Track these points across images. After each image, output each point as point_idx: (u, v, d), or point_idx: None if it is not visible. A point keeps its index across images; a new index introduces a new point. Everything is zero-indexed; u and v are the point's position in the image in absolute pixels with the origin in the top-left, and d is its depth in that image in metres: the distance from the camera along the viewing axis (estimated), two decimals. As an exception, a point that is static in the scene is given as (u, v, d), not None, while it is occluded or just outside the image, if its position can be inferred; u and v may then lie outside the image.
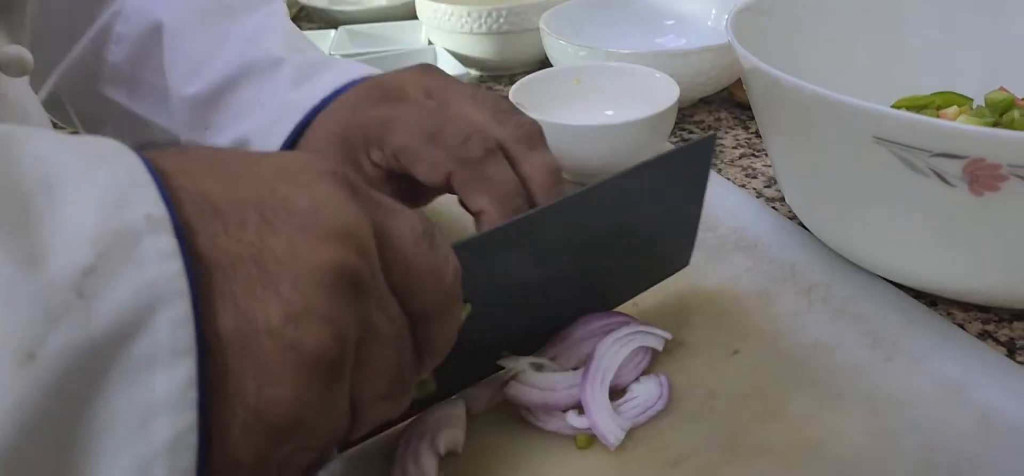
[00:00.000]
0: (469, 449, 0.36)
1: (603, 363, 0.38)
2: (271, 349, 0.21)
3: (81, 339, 0.18)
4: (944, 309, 0.45)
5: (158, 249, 0.19)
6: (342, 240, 0.23)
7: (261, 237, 0.21)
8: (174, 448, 0.19)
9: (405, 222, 0.26)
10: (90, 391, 0.18)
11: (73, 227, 0.19)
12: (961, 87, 0.54)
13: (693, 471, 0.35)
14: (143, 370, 0.19)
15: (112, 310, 0.18)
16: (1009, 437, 0.36)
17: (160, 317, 0.19)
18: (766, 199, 0.57)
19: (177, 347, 0.19)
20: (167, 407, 0.19)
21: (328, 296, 0.22)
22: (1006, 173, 0.35)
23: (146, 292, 0.19)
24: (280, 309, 0.21)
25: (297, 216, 0.22)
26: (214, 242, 0.21)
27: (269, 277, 0.21)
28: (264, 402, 0.21)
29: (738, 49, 0.46)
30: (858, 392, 0.39)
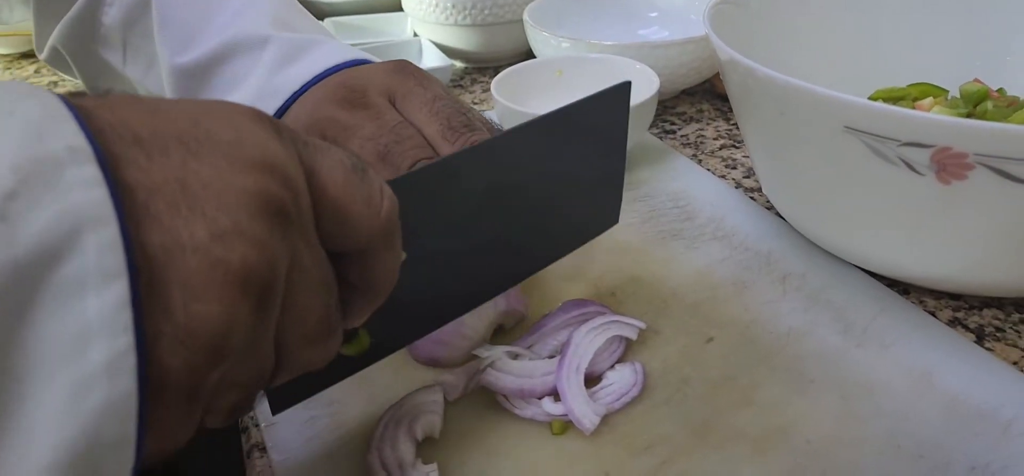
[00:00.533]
0: (446, 435, 0.37)
1: (579, 351, 0.39)
2: (198, 265, 0.21)
3: (4, 259, 0.18)
4: (916, 297, 0.46)
5: (82, 177, 0.19)
6: (267, 170, 0.23)
7: (185, 163, 0.21)
8: (111, 370, 0.19)
9: (333, 156, 0.26)
10: (18, 313, 0.18)
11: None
12: (937, 79, 0.55)
13: (664, 455, 0.35)
14: (73, 293, 0.19)
15: (36, 233, 0.18)
16: (975, 421, 0.37)
17: (87, 241, 0.19)
18: (745, 190, 0.58)
19: (107, 270, 0.19)
20: (101, 329, 0.19)
21: (254, 219, 0.22)
22: (972, 162, 0.36)
23: (70, 217, 0.19)
24: (206, 227, 0.21)
25: (221, 146, 0.22)
26: (137, 168, 0.21)
27: (194, 198, 0.21)
28: (192, 317, 0.21)
29: (714, 40, 0.47)
30: (829, 378, 0.39)
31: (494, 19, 0.83)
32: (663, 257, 0.49)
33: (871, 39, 0.60)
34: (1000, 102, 0.50)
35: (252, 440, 0.39)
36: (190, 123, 0.23)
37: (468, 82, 0.85)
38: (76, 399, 0.19)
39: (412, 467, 0.35)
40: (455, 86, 0.84)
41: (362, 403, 0.39)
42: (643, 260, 0.49)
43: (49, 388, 0.18)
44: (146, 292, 0.20)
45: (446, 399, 0.38)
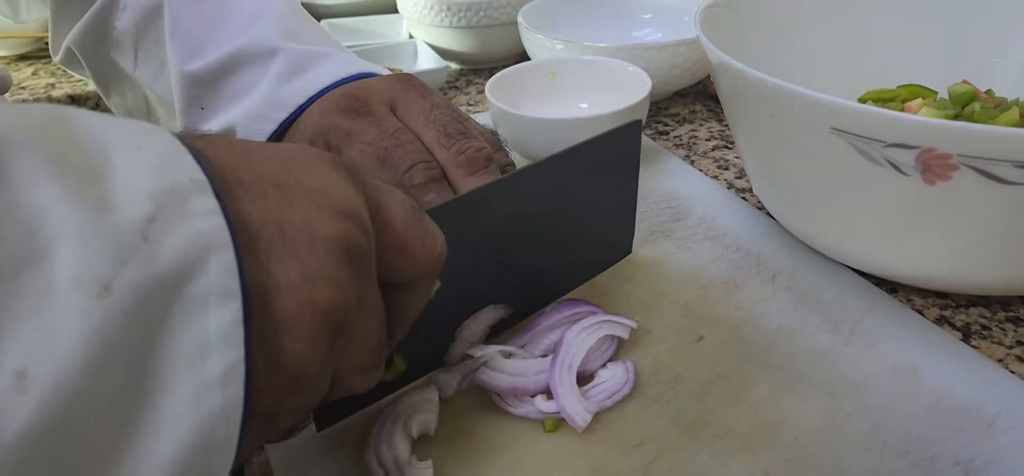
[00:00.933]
0: (441, 433, 0.38)
1: (571, 350, 0.39)
2: (289, 303, 0.23)
3: (148, 276, 0.20)
4: (904, 296, 0.47)
5: (204, 207, 0.22)
6: (349, 217, 0.25)
7: (281, 208, 0.24)
8: (226, 379, 0.21)
9: (397, 200, 0.29)
10: (156, 324, 0.20)
11: (132, 184, 0.21)
12: (927, 80, 0.55)
13: (655, 452, 0.36)
14: (199, 308, 0.21)
15: (172, 253, 0.21)
16: (960, 417, 0.37)
17: (211, 263, 0.21)
18: (736, 190, 0.58)
19: (226, 289, 0.21)
20: (219, 342, 0.21)
21: (337, 263, 0.24)
22: (957, 163, 0.37)
23: (199, 240, 0.21)
24: (298, 270, 0.23)
25: (310, 193, 0.25)
26: (240, 209, 0.23)
27: (288, 242, 0.24)
28: (281, 350, 0.23)
29: (705, 43, 0.47)
30: (817, 376, 0.40)
31: (488, 21, 0.83)
32: (655, 257, 0.50)
33: (861, 41, 0.60)
34: (988, 103, 0.50)
35: (249, 439, 0.40)
36: (282, 170, 0.25)
37: (463, 84, 0.85)
38: (197, 401, 0.21)
39: (407, 464, 0.35)
40: (450, 88, 0.85)
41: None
42: (635, 260, 0.50)
43: (176, 390, 0.21)
44: None
45: (440, 397, 0.39)
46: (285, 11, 0.52)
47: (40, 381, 0.18)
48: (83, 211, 0.20)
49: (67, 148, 0.21)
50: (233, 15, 0.51)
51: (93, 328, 0.19)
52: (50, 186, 0.20)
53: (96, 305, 0.19)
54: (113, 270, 0.19)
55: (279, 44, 0.49)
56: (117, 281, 0.19)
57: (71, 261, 0.19)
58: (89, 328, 0.19)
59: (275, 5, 0.52)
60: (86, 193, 0.20)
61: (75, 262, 0.19)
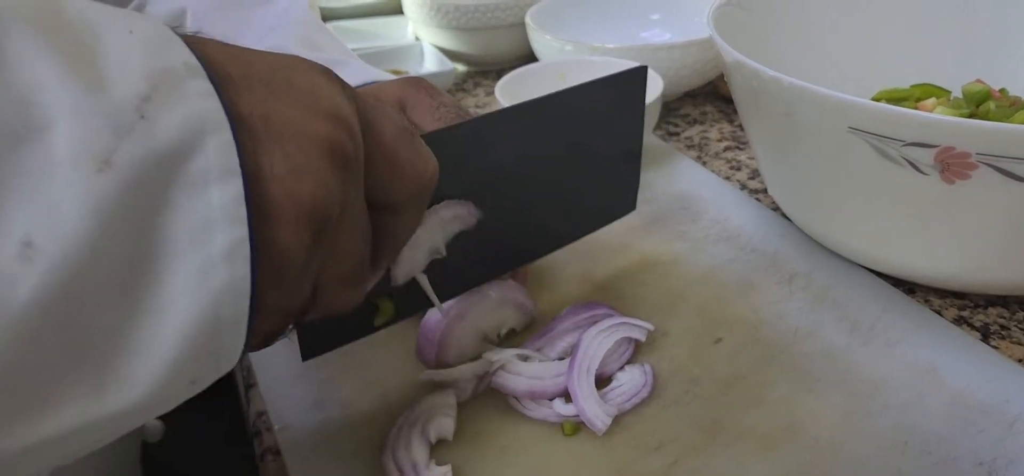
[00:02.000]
0: (459, 436, 0.37)
1: (589, 353, 0.39)
2: (276, 194, 0.23)
3: (147, 151, 0.20)
4: (921, 296, 0.46)
5: (199, 89, 0.22)
6: (336, 120, 0.25)
7: (268, 101, 0.24)
8: (231, 256, 0.22)
9: (388, 116, 0.29)
10: (157, 200, 0.21)
11: (126, 63, 0.21)
12: (940, 79, 0.55)
13: (675, 454, 0.36)
14: (200, 185, 0.21)
15: (170, 130, 0.21)
16: (980, 417, 0.37)
17: (210, 141, 0.21)
18: (750, 191, 0.58)
19: (225, 168, 0.22)
20: (222, 219, 0.21)
21: (322, 161, 0.24)
22: (975, 161, 0.36)
23: (196, 119, 0.21)
24: (284, 161, 0.23)
25: (298, 93, 0.25)
26: (227, 100, 0.23)
27: (276, 134, 0.24)
28: (266, 240, 0.23)
29: (719, 43, 0.47)
30: (836, 376, 0.40)
31: (495, 22, 0.83)
32: (670, 259, 0.50)
33: (873, 40, 0.60)
34: (1002, 102, 0.50)
35: (265, 444, 0.39)
36: (270, 70, 0.25)
37: (470, 86, 0.85)
38: (202, 279, 0.21)
39: (425, 468, 0.35)
40: (457, 90, 0.84)
41: (374, 406, 0.40)
42: (650, 263, 0.50)
43: (180, 268, 0.21)
44: None
45: (457, 400, 0.38)
46: (304, 21, 0.53)
47: (46, 251, 0.19)
48: (78, 88, 0.20)
49: (59, 27, 0.21)
50: (253, 25, 0.52)
51: (95, 201, 0.19)
52: (44, 64, 0.20)
53: (97, 178, 0.19)
54: (112, 144, 0.20)
55: (297, 52, 0.49)
56: (116, 155, 0.20)
57: (69, 136, 0.19)
58: (91, 201, 0.19)
59: (294, 16, 0.53)
60: (80, 71, 0.20)
61: (73, 137, 0.19)
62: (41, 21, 0.21)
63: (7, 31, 0.20)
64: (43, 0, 0.22)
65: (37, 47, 0.20)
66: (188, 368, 0.22)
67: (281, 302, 0.25)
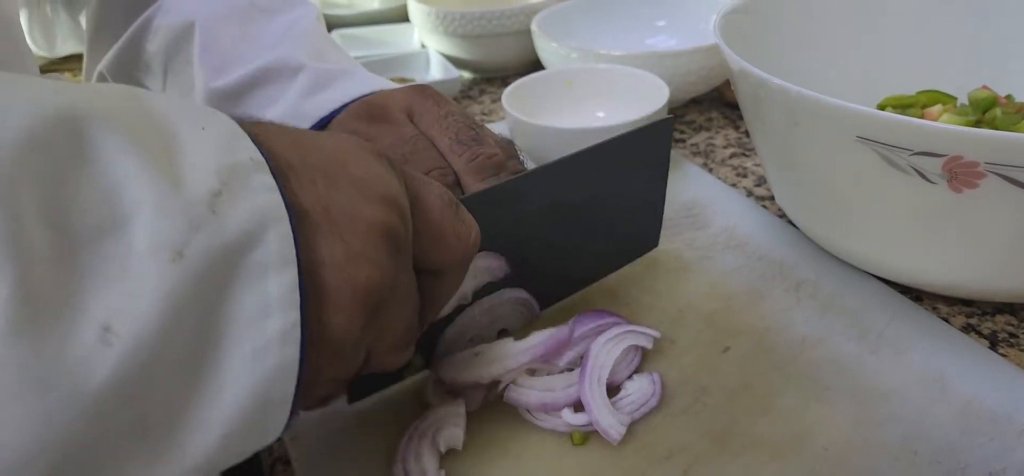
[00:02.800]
0: (469, 447, 0.37)
1: (598, 362, 0.39)
2: (333, 280, 0.25)
3: (217, 244, 0.22)
4: (929, 303, 0.46)
5: (263, 183, 0.24)
6: (390, 204, 0.27)
7: (327, 193, 0.26)
8: (284, 339, 0.23)
9: (435, 192, 0.31)
10: (222, 288, 0.22)
11: (200, 160, 0.23)
12: (945, 86, 0.55)
13: (685, 464, 0.36)
14: (260, 275, 0.23)
15: (237, 223, 0.23)
16: (989, 426, 0.37)
17: (271, 233, 0.23)
18: (756, 198, 0.58)
19: (284, 258, 0.23)
20: (278, 305, 0.23)
21: (377, 246, 0.26)
22: (984, 170, 0.37)
23: (260, 213, 0.23)
24: (343, 249, 0.25)
25: (354, 181, 0.27)
26: (290, 192, 0.25)
27: (334, 223, 0.26)
28: (324, 323, 0.25)
29: (725, 51, 0.47)
30: (844, 385, 0.40)
31: (501, 30, 0.83)
32: (677, 267, 0.50)
33: (879, 46, 0.60)
34: (1008, 109, 0.50)
35: (275, 454, 0.40)
36: (328, 159, 0.27)
37: (477, 93, 0.86)
38: (257, 361, 0.23)
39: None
40: (464, 97, 0.85)
41: (384, 416, 0.40)
42: (657, 270, 0.50)
43: (238, 351, 0.23)
44: None
45: (466, 409, 0.38)
46: (313, 32, 0.53)
47: (123, 335, 0.20)
48: (159, 183, 0.22)
49: (142, 125, 0.23)
50: (262, 35, 0.52)
51: (168, 289, 0.21)
52: (129, 160, 0.21)
53: (171, 268, 0.21)
54: (186, 237, 0.21)
55: (305, 62, 0.50)
56: (189, 247, 0.21)
57: (148, 229, 0.21)
58: (165, 289, 0.21)
59: (303, 27, 0.53)
60: (160, 167, 0.22)
61: (152, 230, 0.21)
62: (126, 118, 0.22)
63: (98, 129, 0.21)
64: (127, 98, 0.24)
65: (125, 146, 0.22)
66: (237, 441, 0.23)
67: (337, 373, 0.27)
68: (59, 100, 0.21)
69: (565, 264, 0.45)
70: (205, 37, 0.52)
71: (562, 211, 0.42)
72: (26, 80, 0.22)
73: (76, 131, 0.21)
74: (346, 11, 1.05)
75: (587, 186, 0.42)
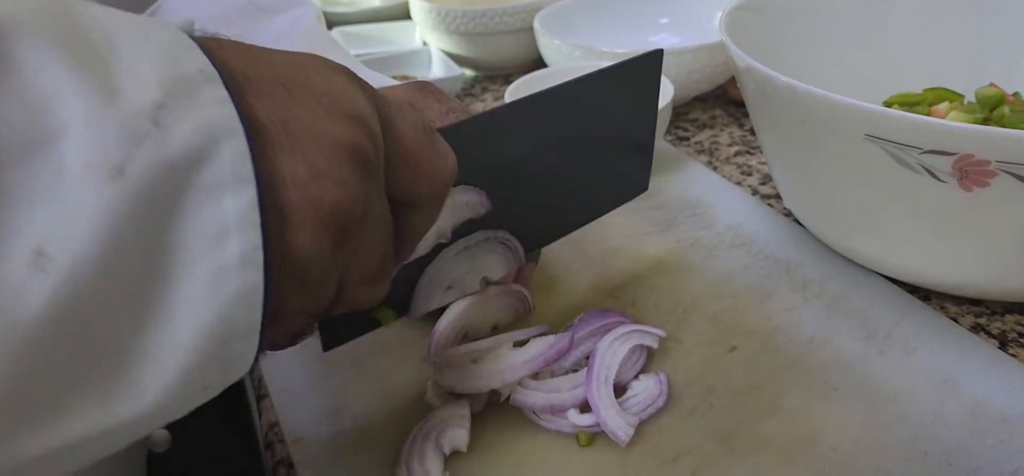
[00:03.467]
0: (473, 448, 0.37)
1: (605, 362, 0.39)
2: (296, 199, 0.23)
3: (160, 159, 0.20)
4: (937, 303, 0.46)
5: (214, 96, 0.22)
6: (356, 121, 0.25)
7: (287, 107, 0.24)
8: (243, 263, 0.21)
9: (408, 117, 0.29)
10: (170, 208, 0.21)
11: (140, 71, 0.21)
12: (952, 83, 0.55)
13: (692, 465, 0.36)
14: (213, 193, 0.21)
15: (184, 138, 0.21)
16: (1000, 426, 0.37)
17: (223, 149, 0.21)
18: (761, 196, 0.58)
19: (239, 175, 0.21)
20: (236, 226, 0.21)
21: (343, 164, 0.24)
22: (995, 169, 0.36)
23: (210, 127, 0.21)
24: (305, 167, 0.23)
25: (317, 95, 0.25)
26: (246, 105, 0.23)
27: (295, 139, 0.24)
28: (286, 246, 0.23)
29: (731, 48, 0.47)
30: (852, 385, 0.39)
31: (503, 27, 0.83)
32: (682, 266, 0.49)
33: (885, 43, 0.60)
34: (1016, 106, 0.49)
35: (278, 456, 0.39)
36: (290, 71, 0.25)
37: (479, 91, 0.85)
38: (215, 287, 0.21)
39: (440, 481, 0.35)
40: (466, 95, 0.84)
41: (388, 418, 0.39)
42: (662, 269, 0.49)
43: (192, 276, 0.21)
44: None
45: (471, 411, 0.38)
46: (313, 32, 0.53)
47: (58, 260, 0.18)
48: (92, 96, 0.20)
49: (73, 35, 0.21)
50: (262, 35, 0.52)
51: (108, 209, 0.19)
52: (57, 71, 0.20)
53: (110, 186, 0.19)
54: (125, 153, 0.20)
55: None
56: (130, 164, 0.20)
57: (82, 145, 0.19)
58: (104, 209, 0.19)
59: (303, 27, 0.53)
60: (94, 79, 0.20)
61: (86, 145, 0.19)
62: (56, 30, 0.21)
63: (22, 39, 0.20)
64: (59, 8, 0.22)
65: (52, 55, 0.20)
66: (199, 375, 0.22)
67: (305, 304, 0.25)
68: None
69: (550, 204, 0.43)
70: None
71: (546, 147, 0.40)
72: None
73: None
74: (347, 9, 1.05)
75: (572, 121, 0.40)
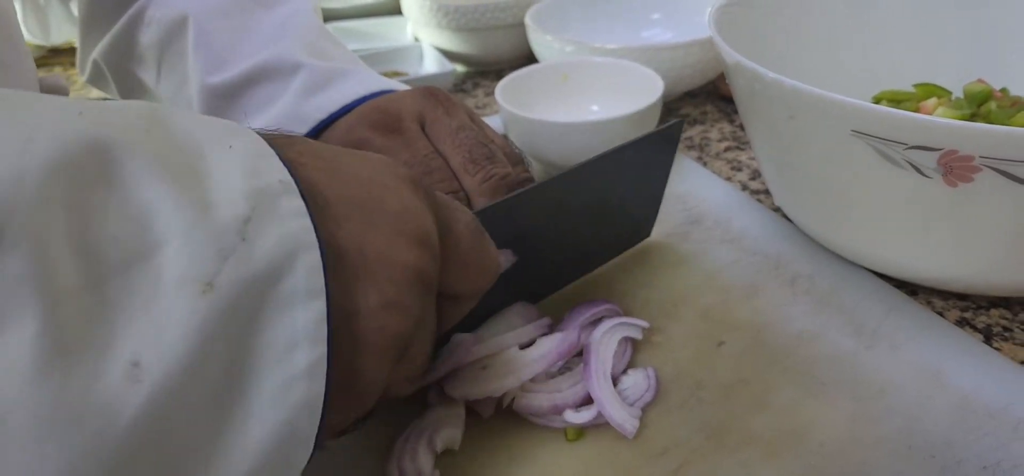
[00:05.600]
0: (465, 446, 0.37)
1: (601, 356, 0.39)
2: (365, 328, 0.24)
3: (246, 274, 0.21)
4: (924, 298, 0.46)
5: (292, 207, 0.23)
6: (424, 245, 0.27)
7: (364, 232, 0.25)
8: (311, 373, 0.22)
9: (462, 221, 0.30)
10: (251, 320, 0.21)
11: (228, 184, 0.22)
12: (941, 79, 0.55)
13: (679, 460, 0.36)
14: (288, 306, 0.22)
15: (266, 252, 0.22)
16: (985, 420, 0.37)
17: (299, 262, 0.22)
18: (751, 192, 0.58)
19: (312, 289, 0.22)
20: (305, 338, 0.22)
21: (410, 291, 0.26)
22: (979, 164, 0.36)
23: (289, 240, 0.22)
24: (377, 295, 0.25)
25: (390, 218, 0.26)
26: (327, 230, 0.24)
27: (370, 267, 0.25)
28: (355, 370, 0.24)
29: (720, 44, 0.47)
30: (840, 380, 0.40)
31: (495, 23, 0.83)
32: (672, 261, 0.50)
33: (874, 39, 0.60)
34: (1004, 102, 0.50)
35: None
36: (365, 191, 0.26)
37: (470, 87, 0.85)
38: (284, 393, 0.22)
39: (430, 478, 0.35)
40: (457, 91, 0.84)
41: (383, 415, 0.39)
42: (652, 264, 0.50)
43: (267, 382, 0.22)
44: None
45: (479, 417, 0.38)
46: (310, 27, 0.52)
47: (152, 371, 0.19)
48: (187, 210, 0.21)
49: (168, 149, 0.22)
50: (258, 30, 0.51)
51: (198, 322, 0.20)
52: (157, 186, 0.21)
53: (201, 300, 0.20)
54: (215, 267, 0.20)
55: (303, 60, 0.49)
56: (220, 277, 0.20)
57: (178, 259, 0.20)
58: (195, 322, 0.20)
59: (300, 21, 0.52)
60: (189, 193, 0.21)
61: (181, 260, 0.20)
62: (152, 142, 0.22)
63: (125, 155, 0.21)
64: (151, 119, 0.23)
65: (152, 170, 0.21)
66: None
67: (359, 412, 0.27)
68: (85, 123, 0.20)
69: (565, 259, 0.45)
70: (199, 31, 0.51)
71: (568, 213, 0.42)
72: (49, 100, 0.21)
73: (102, 156, 0.20)
74: (339, 4, 1.05)
75: (595, 190, 0.43)
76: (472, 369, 0.38)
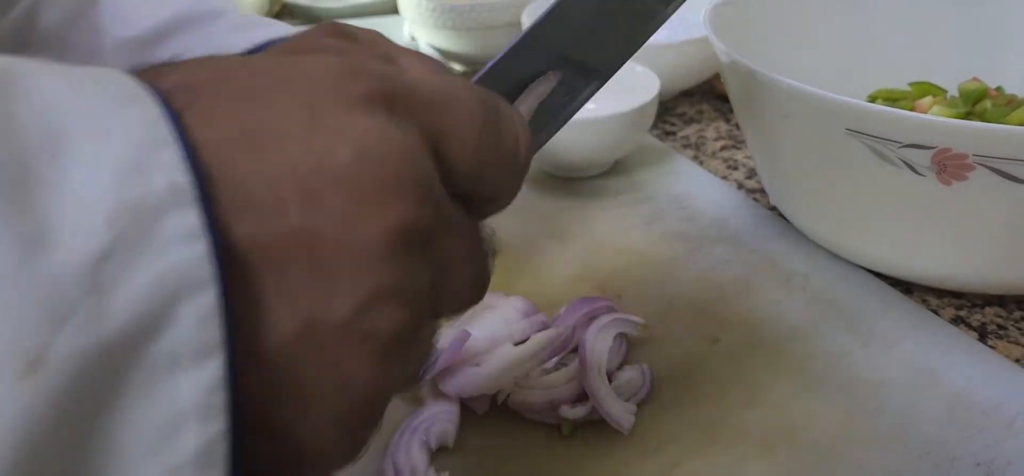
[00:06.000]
0: (459, 443, 0.37)
1: (596, 352, 0.39)
2: (344, 347, 0.18)
3: (93, 341, 0.15)
4: (919, 296, 0.46)
5: (183, 227, 0.16)
6: (399, 192, 0.19)
7: (310, 223, 0.18)
8: (202, 461, 0.16)
9: (460, 113, 0.22)
10: (104, 401, 0.15)
11: (86, 198, 0.15)
12: (936, 77, 0.55)
13: (673, 456, 0.36)
14: (165, 373, 0.16)
15: (130, 304, 0.15)
16: (979, 418, 0.37)
17: (184, 310, 0.16)
18: (747, 191, 0.58)
19: (203, 345, 0.16)
20: (194, 414, 0.16)
21: (395, 268, 0.19)
22: (973, 162, 0.37)
23: (169, 281, 0.15)
24: (350, 300, 0.18)
25: (343, 179, 0.18)
26: (249, 234, 0.17)
27: (329, 267, 0.18)
28: (348, 400, 0.19)
29: (715, 43, 0.47)
30: (835, 377, 0.40)
31: (491, 22, 0.83)
32: (667, 259, 0.50)
33: (870, 38, 0.60)
34: (999, 100, 0.50)
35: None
36: (302, 148, 0.18)
37: (467, 85, 0.85)
38: None
39: (424, 475, 0.35)
40: (454, 89, 0.84)
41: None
42: (647, 262, 0.50)
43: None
44: (275, 381, 0.18)
45: (474, 414, 0.38)
46: None
47: None
48: (7, 254, 0.14)
49: (5, 143, 0.15)
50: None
51: (19, 415, 0.14)
52: None
53: (19, 387, 0.14)
54: (43, 339, 0.14)
55: (224, 8, 0.46)
56: (50, 351, 0.14)
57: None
58: (13, 415, 0.14)
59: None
60: (13, 222, 0.14)
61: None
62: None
63: None
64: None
65: None
66: None
67: (366, 437, 0.21)
68: None
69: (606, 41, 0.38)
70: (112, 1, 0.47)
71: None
72: None
73: None
74: (334, 3, 1.05)
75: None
76: (466, 366, 0.38)
